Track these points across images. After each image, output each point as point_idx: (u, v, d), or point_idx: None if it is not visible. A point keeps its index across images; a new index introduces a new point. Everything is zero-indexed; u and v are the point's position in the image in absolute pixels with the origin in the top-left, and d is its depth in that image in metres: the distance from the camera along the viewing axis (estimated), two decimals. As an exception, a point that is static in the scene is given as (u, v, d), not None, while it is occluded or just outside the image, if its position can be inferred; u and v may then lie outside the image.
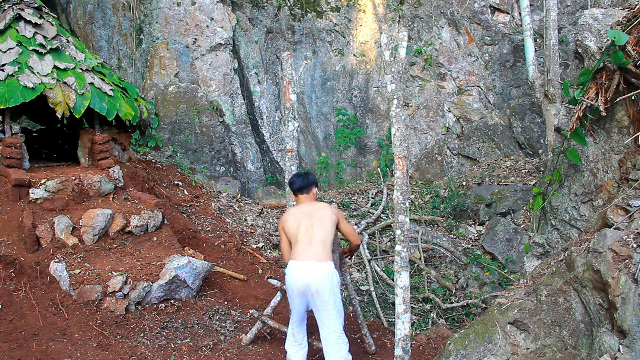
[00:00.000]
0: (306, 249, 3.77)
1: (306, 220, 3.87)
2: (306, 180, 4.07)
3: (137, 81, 9.45)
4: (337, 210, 3.99)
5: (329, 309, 3.74)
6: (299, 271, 3.75)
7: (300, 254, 3.78)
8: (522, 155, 9.03)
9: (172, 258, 5.02)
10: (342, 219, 3.98)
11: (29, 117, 7.71)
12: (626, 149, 3.63)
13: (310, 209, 3.93)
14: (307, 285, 3.71)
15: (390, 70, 3.54)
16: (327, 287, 3.69)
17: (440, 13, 9.73)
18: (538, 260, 4.51)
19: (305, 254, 3.77)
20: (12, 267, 4.52)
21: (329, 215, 3.86)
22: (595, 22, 3.98)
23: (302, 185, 4.04)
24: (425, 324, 5.73)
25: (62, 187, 5.19)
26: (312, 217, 3.86)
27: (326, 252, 3.76)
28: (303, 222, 3.87)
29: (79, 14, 9.61)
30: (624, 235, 2.91)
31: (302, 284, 3.73)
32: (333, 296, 3.73)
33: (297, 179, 4.10)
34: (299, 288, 3.75)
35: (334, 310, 3.75)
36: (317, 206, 3.96)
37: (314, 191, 4.06)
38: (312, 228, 3.81)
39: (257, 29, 10.35)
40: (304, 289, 3.73)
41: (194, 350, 4.23)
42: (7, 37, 5.38)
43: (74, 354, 3.91)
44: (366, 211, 8.00)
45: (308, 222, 3.85)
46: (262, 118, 10.24)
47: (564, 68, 7.99)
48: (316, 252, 3.74)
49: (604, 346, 2.78)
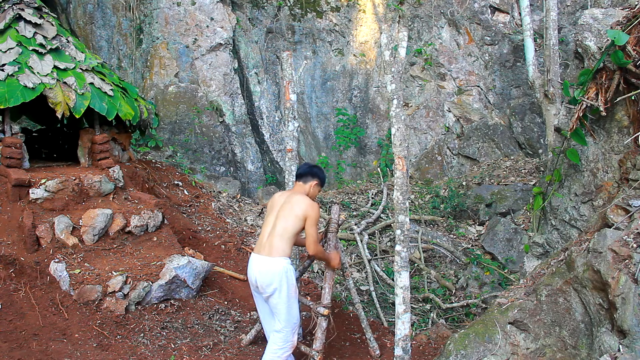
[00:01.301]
0: (262, 242, 3.75)
1: (275, 210, 3.80)
2: (308, 170, 3.96)
3: (137, 81, 9.45)
4: (312, 210, 3.71)
5: (273, 305, 3.69)
6: (251, 264, 3.76)
7: (257, 247, 3.80)
8: (522, 155, 9.03)
9: (172, 258, 5.02)
10: (311, 220, 3.70)
11: (29, 117, 7.71)
12: (626, 149, 3.63)
13: (288, 199, 3.81)
14: (255, 279, 3.71)
15: (390, 70, 3.54)
16: (270, 284, 3.62)
17: (440, 13, 9.73)
18: (538, 260, 4.51)
19: (259, 246, 3.76)
20: (12, 267, 4.52)
21: (297, 210, 3.68)
22: (595, 22, 3.98)
23: (301, 173, 3.97)
24: (425, 324, 5.73)
25: (62, 187, 5.19)
26: (282, 209, 3.76)
27: (279, 247, 3.65)
28: (272, 212, 3.82)
29: (79, 14, 9.61)
30: (624, 235, 2.91)
31: (252, 277, 3.73)
32: (278, 294, 3.63)
33: (304, 166, 4.04)
34: (251, 281, 3.76)
35: (280, 305, 3.66)
36: (296, 199, 3.77)
37: (310, 183, 3.92)
38: (276, 220, 3.74)
39: (257, 29, 10.35)
40: (255, 282, 3.73)
41: (194, 350, 4.23)
42: (7, 37, 5.38)
43: (74, 354, 3.91)
44: (366, 211, 8.00)
45: (275, 214, 3.78)
46: (262, 118, 10.24)
47: (564, 68, 7.99)
48: (269, 246, 3.68)
49: (604, 346, 2.78)
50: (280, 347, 3.71)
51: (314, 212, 3.71)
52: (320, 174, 4.01)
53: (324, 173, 4.11)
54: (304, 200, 3.77)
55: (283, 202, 3.81)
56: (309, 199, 3.84)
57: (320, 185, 4.02)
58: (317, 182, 3.96)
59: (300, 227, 3.71)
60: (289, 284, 3.66)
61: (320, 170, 4.06)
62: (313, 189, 3.96)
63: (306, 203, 3.73)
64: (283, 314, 3.68)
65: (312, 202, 3.78)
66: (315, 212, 3.71)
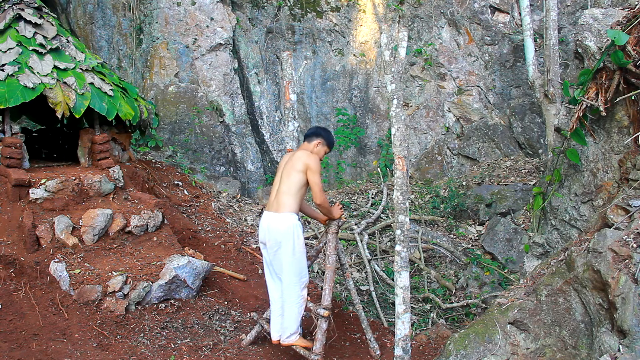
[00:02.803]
0: (270, 200, 3.96)
1: (281, 169, 3.99)
2: (314, 131, 4.11)
3: (137, 81, 9.45)
4: (311, 161, 3.85)
5: (281, 258, 3.84)
6: (261, 221, 3.96)
7: (267, 205, 4.01)
8: (522, 155, 9.03)
9: (172, 258, 5.02)
10: (312, 170, 3.82)
11: (29, 117, 7.71)
12: (626, 149, 3.63)
13: (292, 157, 3.96)
14: (264, 235, 3.90)
15: (390, 70, 3.54)
16: (278, 237, 3.80)
17: (440, 13, 9.73)
18: (538, 260, 4.51)
19: (269, 204, 3.97)
20: (12, 267, 4.52)
21: (297, 165, 3.83)
22: (595, 22, 3.98)
23: (308, 133, 4.12)
24: (425, 324, 5.73)
25: (62, 187, 5.19)
26: (285, 167, 3.94)
27: (285, 203, 3.83)
28: (279, 171, 4.02)
29: (79, 14, 9.61)
30: (624, 235, 2.91)
31: (262, 234, 3.93)
32: (285, 248, 3.79)
33: (312, 128, 4.18)
34: (261, 238, 3.97)
35: (287, 260, 3.81)
36: (297, 155, 3.93)
37: (314, 142, 4.05)
38: (281, 178, 3.93)
39: (257, 29, 10.35)
40: (263, 239, 3.93)
41: (194, 350, 4.23)
42: (7, 37, 5.38)
43: (74, 354, 3.91)
44: (366, 211, 8.00)
45: (280, 173, 3.98)
46: (262, 118, 10.24)
47: (564, 68, 7.99)
48: (277, 203, 3.86)
49: (604, 346, 2.78)
50: (293, 301, 3.86)
51: (313, 162, 3.84)
52: (324, 134, 4.12)
53: (331, 135, 4.21)
54: (303, 154, 3.91)
55: (287, 160, 4.00)
56: (309, 152, 3.96)
57: (325, 145, 4.10)
58: (321, 140, 4.06)
59: (304, 180, 3.86)
60: (295, 238, 3.81)
61: (326, 132, 4.17)
62: (317, 148, 4.06)
63: (305, 155, 3.88)
64: (291, 269, 3.81)
65: (310, 154, 3.92)
66: (314, 162, 3.84)
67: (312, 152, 4.02)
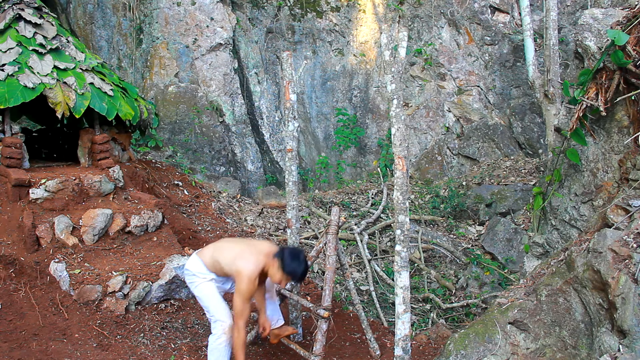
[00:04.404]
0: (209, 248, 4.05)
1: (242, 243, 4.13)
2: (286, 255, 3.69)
3: (137, 81, 9.45)
4: (240, 278, 3.54)
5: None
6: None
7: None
8: (522, 155, 9.03)
9: (172, 258, 5.02)
10: (237, 288, 3.57)
11: (29, 117, 7.71)
12: (626, 149, 3.63)
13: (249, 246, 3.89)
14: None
15: (390, 70, 3.54)
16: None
17: (440, 13, 9.73)
18: (538, 260, 4.51)
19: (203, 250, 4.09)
20: (12, 267, 4.52)
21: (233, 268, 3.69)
22: (595, 22, 3.98)
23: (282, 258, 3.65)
24: (425, 324, 5.73)
25: (62, 187, 5.18)
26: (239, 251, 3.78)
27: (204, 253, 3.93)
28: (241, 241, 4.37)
29: (79, 14, 9.61)
30: (624, 235, 2.91)
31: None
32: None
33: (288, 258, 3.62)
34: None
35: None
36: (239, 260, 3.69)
37: (275, 262, 3.65)
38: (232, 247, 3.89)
39: (257, 29, 10.35)
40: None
41: (194, 350, 4.23)
42: (7, 37, 5.38)
43: (74, 354, 3.91)
44: (366, 211, 7.99)
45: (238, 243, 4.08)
46: (262, 118, 10.24)
47: (564, 68, 7.99)
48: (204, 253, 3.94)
49: (604, 346, 2.78)
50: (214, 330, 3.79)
51: (240, 282, 3.53)
52: (290, 263, 3.57)
53: (299, 267, 3.60)
54: (241, 264, 3.60)
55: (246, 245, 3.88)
56: (248, 267, 3.57)
57: (284, 273, 3.59)
58: (279, 264, 3.60)
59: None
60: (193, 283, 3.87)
61: (293, 259, 3.60)
62: (274, 268, 3.64)
63: (240, 269, 3.57)
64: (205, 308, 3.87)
65: (243, 273, 3.53)
66: (241, 282, 3.52)
67: (272, 269, 3.64)
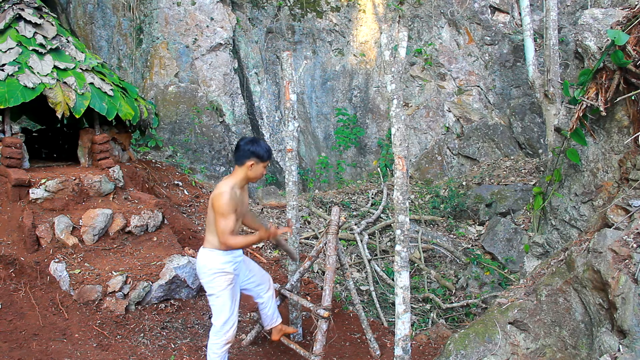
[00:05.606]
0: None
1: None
2: (241, 151, 3.51)
3: (137, 81, 9.45)
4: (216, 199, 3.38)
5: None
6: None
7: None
8: (522, 155, 9.03)
9: (172, 258, 5.02)
10: (216, 210, 3.38)
11: (29, 117, 7.71)
12: (626, 149, 3.63)
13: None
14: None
15: (390, 70, 3.54)
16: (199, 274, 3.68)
17: (440, 13, 9.73)
18: (538, 260, 4.51)
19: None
20: (12, 267, 4.52)
21: (210, 201, 3.47)
22: (595, 22, 3.97)
23: (236, 156, 3.55)
24: (425, 324, 5.73)
25: (62, 187, 5.19)
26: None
27: (206, 238, 3.63)
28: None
29: (79, 14, 9.60)
30: (624, 235, 2.90)
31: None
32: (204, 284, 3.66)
33: (238, 146, 3.55)
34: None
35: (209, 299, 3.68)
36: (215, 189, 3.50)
37: (247, 164, 3.50)
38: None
39: (257, 29, 10.35)
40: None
41: (194, 350, 4.23)
42: (7, 37, 5.38)
43: (74, 354, 3.91)
44: (366, 211, 7.99)
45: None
46: (262, 118, 10.24)
47: (564, 68, 7.99)
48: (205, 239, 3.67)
49: (604, 346, 2.77)
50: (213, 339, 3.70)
51: (217, 202, 3.37)
52: (254, 148, 3.47)
53: (260, 145, 3.53)
54: (216, 189, 3.47)
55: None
56: (220, 186, 3.45)
57: (260, 161, 3.51)
58: (254, 159, 3.49)
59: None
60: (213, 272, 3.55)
61: (254, 144, 3.50)
62: (253, 170, 3.52)
63: (213, 194, 3.45)
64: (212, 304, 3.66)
65: (216, 192, 3.41)
66: (219, 202, 3.37)
67: (248, 176, 3.55)
